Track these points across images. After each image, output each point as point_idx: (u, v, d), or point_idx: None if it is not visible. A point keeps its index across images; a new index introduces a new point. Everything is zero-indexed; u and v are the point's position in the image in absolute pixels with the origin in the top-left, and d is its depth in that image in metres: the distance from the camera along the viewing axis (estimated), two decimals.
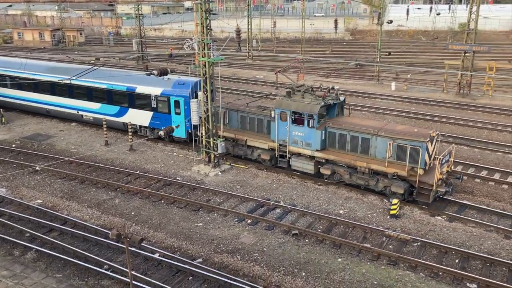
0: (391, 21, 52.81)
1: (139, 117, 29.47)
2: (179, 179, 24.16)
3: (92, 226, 19.25)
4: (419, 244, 17.79)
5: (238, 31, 61.74)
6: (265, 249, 17.61)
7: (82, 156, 26.93)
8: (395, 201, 19.88)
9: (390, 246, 17.76)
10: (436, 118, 34.35)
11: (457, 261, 16.74)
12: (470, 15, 40.61)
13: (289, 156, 23.86)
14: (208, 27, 23.25)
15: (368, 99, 41.32)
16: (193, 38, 24.24)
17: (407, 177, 20.46)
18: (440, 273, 15.96)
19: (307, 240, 18.21)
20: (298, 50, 62.42)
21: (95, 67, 29.46)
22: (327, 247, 17.71)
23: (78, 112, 32.35)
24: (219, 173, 24.71)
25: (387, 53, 51.79)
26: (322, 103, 22.38)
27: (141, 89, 29.08)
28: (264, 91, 41.64)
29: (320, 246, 17.78)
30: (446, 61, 45.59)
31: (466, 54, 41.55)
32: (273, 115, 23.67)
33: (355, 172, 22.06)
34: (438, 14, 76.27)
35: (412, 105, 38.79)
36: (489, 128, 32.03)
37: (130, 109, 29.74)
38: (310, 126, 22.56)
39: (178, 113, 27.70)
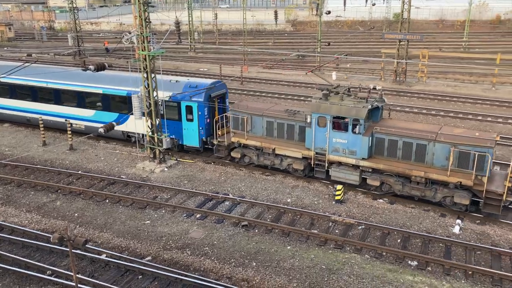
0: (329, 12, 54.00)
1: (139, 125, 25.77)
2: (123, 177, 23.51)
3: (32, 231, 18.32)
4: (363, 227, 18.50)
5: (177, 24, 60.67)
6: (215, 242, 17.60)
7: (17, 158, 25.49)
8: (339, 186, 20.50)
9: (337, 231, 18.34)
10: None
11: (399, 241, 17.58)
12: (403, 5, 42.44)
13: (327, 165, 21.60)
14: (147, 20, 22.66)
15: (310, 89, 42.14)
16: (132, 31, 23.55)
17: (472, 186, 18.65)
18: (384, 253, 16.71)
19: (256, 231, 18.40)
20: (241, 42, 62.44)
21: (27, 64, 27.67)
22: (276, 236, 17.99)
23: (66, 120, 28.07)
24: (165, 169, 24.31)
25: (327, 44, 53.02)
26: (370, 106, 20.15)
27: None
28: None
29: (269, 236, 18.02)
30: (383, 50, 47.42)
31: (401, 43, 43.42)
32: (308, 121, 21.29)
33: (408, 182, 20.04)
34: (374, 4, 78.96)
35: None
36: (424, 113, 33.74)
37: (131, 116, 25.68)
38: (355, 132, 20.30)
39: (191, 120, 25.07)
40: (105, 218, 19.53)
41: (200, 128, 25.10)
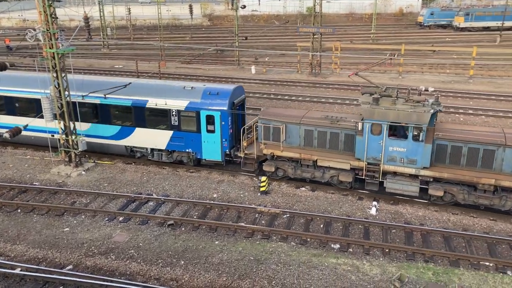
0: (244, 6, 54.53)
1: (151, 138, 23.44)
2: (36, 183, 21.99)
3: None
4: (288, 215, 19.03)
5: (86, 19, 57.66)
6: (140, 244, 17.10)
7: None
8: (263, 178, 20.87)
9: (263, 222, 18.68)
10: (293, 98, 36.75)
11: (321, 226, 18.33)
12: None
13: (379, 176, 19.85)
14: (53, 16, 21.26)
15: (231, 83, 42.30)
16: (37, 28, 21.95)
17: None
18: (308, 240, 17.33)
19: (183, 229, 18.17)
20: (157, 37, 60.91)
21: None
22: (203, 232, 17.90)
23: (53, 136, 23.98)
24: (83, 173, 23.11)
25: (244, 38, 53.47)
26: (432, 110, 18.50)
27: (155, 102, 22.87)
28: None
29: (196, 233, 17.89)
30: (298, 43, 48.83)
31: (315, 36, 45.01)
32: (360, 128, 19.42)
33: (473, 191, 18.86)
34: None
35: (272, 87, 40.86)
36: (339, 102, 35.38)
37: (137, 129, 23.50)
38: (416, 139, 18.61)
39: (212, 131, 22.35)
40: (18, 229, 18.14)
41: (223, 139, 22.39)
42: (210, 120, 22.24)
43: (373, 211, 19.33)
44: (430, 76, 45.15)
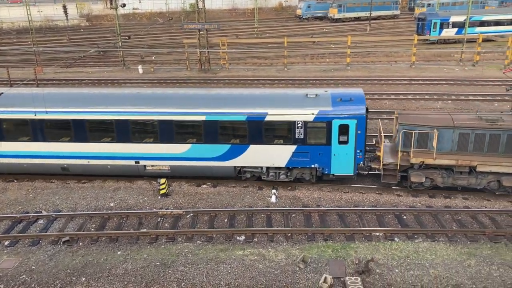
0: (124, 5, 52.30)
1: (268, 155, 20.51)
2: None
3: None
4: (191, 215, 18.87)
5: None
6: (33, 267, 15.67)
7: None
8: (162, 180, 20.39)
9: (166, 224, 18.29)
10: None
11: (226, 220, 18.50)
12: None
13: None
14: None
15: (117, 85, 40.52)
16: None
17: None
18: (214, 236, 17.38)
19: (81, 244, 17.04)
20: (29, 40, 55.90)
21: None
22: (104, 244, 16.98)
23: (138, 162, 21.11)
24: None
25: (127, 37, 51.51)
26: None
27: (276, 114, 19.87)
28: None
29: (96, 246, 16.91)
30: (185, 40, 48.43)
31: (201, 32, 44.95)
32: None
33: None
34: None
35: (162, 86, 39.98)
36: None
37: (251, 146, 20.42)
38: None
39: (344, 142, 19.89)
40: None
41: (358, 151, 20.11)
42: (343, 130, 19.83)
43: (273, 199, 20.01)
44: (312, 66, 47.90)
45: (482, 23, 57.87)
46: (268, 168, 21.01)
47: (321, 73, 43.47)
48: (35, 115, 20.72)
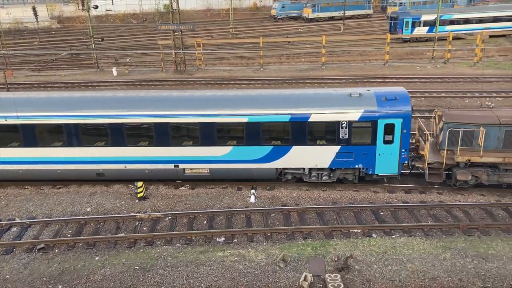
0: (96, 6, 51.56)
1: (311, 156, 20.21)
2: None
3: None
4: (170, 217, 18.71)
5: None
6: (7, 276, 15.26)
7: None
8: (139, 183, 20.14)
9: (145, 228, 18.08)
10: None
11: (205, 222, 18.42)
12: None
13: None
14: None
15: (91, 87, 39.87)
16: None
17: None
18: (194, 238, 17.28)
19: (57, 250, 16.69)
20: None
21: None
22: (81, 250, 16.67)
23: (177, 166, 20.73)
24: None
25: (100, 39, 50.72)
26: None
27: (320, 114, 19.62)
28: None
29: (73, 252, 16.58)
30: (160, 42, 47.96)
31: (175, 33, 44.62)
32: None
33: None
34: None
35: (137, 88, 39.51)
36: None
37: (293, 148, 20.10)
38: None
39: (390, 142, 19.73)
40: None
41: (403, 150, 19.99)
42: (388, 129, 19.70)
43: (252, 199, 20.02)
44: (288, 66, 48.15)
45: (452, 22, 59.31)
46: (310, 169, 20.83)
47: (297, 72, 43.74)
48: (69, 119, 20.40)
